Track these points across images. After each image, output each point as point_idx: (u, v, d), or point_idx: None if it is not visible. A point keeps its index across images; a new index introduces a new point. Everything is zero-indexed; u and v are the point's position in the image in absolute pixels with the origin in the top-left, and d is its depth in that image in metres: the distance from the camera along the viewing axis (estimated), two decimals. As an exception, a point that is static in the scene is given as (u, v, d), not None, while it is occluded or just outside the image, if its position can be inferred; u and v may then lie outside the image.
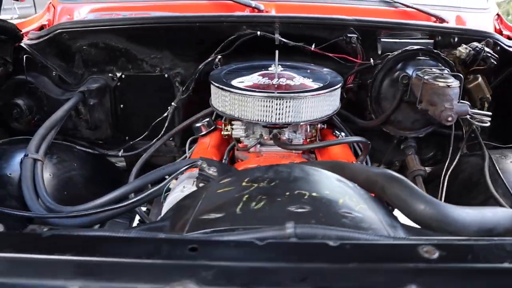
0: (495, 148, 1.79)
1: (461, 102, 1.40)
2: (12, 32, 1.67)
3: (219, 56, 1.72)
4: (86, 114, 1.86)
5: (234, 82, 1.49)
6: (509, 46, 1.73)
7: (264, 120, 1.41)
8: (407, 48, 1.62)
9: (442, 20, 2.05)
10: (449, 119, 1.33)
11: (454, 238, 0.73)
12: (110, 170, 1.99)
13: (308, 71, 1.63)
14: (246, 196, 0.75)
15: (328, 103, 1.47)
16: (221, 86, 1.46)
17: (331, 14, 1.87)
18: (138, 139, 1.94)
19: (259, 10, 2.02)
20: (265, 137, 1.51)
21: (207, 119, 1.73)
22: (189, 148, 1.77)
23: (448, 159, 1.62)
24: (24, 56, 1.74)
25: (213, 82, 1.52)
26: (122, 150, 1.93)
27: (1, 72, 1.68)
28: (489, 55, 1.61)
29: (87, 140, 1.93)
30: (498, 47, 1.70)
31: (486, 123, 1.45)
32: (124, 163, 2.04)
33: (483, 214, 0.82)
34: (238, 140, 1.60)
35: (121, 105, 1.95)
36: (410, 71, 1.56)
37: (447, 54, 1.69)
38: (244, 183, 0.81)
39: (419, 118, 1.67)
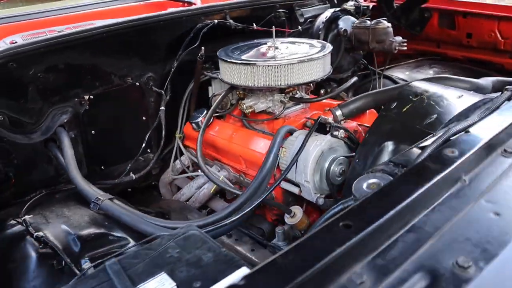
0: None
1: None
2: None
3: (203, 48, 1.76)
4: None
5: (244, 57, 1.63)
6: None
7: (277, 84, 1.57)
8: (335, 10, 2.15)
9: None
10: (397, 47, 1.94)
11: None
12: None
13: (296, 44, 1.81)
14: None
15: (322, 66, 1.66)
16: (240, 61, 1.58)
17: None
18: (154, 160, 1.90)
19: (190, 3, 2.22)
20: (286, 100, 1.70)
21: (204, 111, 1.81)
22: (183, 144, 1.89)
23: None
24: None
25: (226, 59, 1.60)
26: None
27: None
28: (365, 7, 2.30)
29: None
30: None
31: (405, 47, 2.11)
32: None
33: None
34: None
35: (93, 132, 1.76)
36: (344, 26, 2.10)
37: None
38: None
39: (351, 60, 2.25)
